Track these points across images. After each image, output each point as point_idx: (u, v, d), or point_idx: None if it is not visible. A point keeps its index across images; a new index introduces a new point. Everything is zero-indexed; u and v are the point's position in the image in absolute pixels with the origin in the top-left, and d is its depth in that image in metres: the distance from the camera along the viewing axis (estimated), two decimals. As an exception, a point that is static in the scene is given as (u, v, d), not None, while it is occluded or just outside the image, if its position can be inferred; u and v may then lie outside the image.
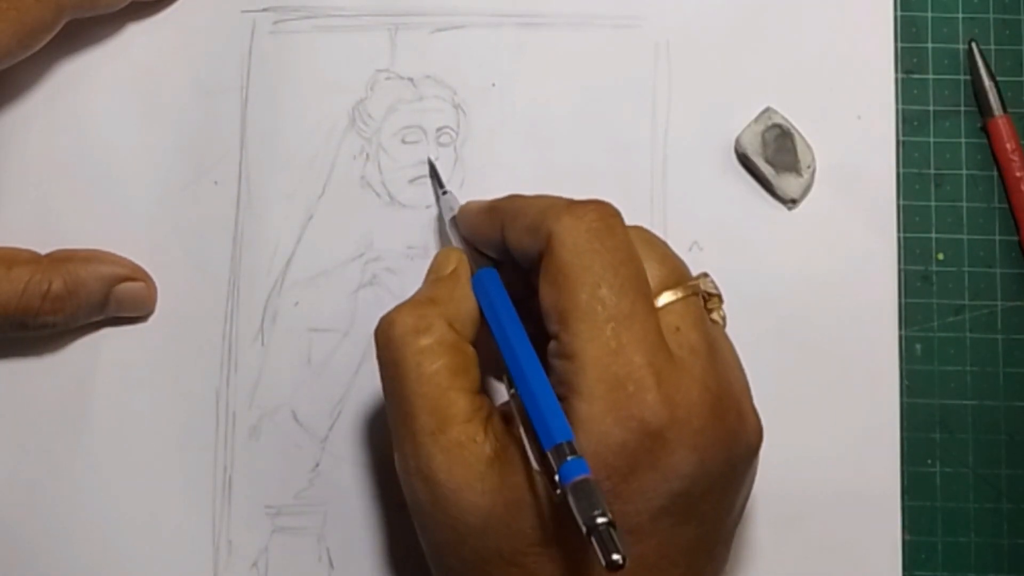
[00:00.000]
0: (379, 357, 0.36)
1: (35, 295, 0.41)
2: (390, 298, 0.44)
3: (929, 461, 0.43)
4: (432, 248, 0.44)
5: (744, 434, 0.35)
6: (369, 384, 0.43)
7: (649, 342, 0.33)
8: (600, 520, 0.30)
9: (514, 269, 0.38)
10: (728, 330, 0.38)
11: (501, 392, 0.40)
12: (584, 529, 0.30)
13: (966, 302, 0.44)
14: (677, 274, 0.36)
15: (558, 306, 0.34)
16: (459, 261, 0.38)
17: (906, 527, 0.43)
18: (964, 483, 0.43)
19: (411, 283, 0.43)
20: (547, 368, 0.34)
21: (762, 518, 0.42)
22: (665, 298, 0.35)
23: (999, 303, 0.44)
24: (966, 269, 0.44)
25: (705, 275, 0.37)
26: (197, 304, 0.44)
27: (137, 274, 0.43)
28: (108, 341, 0.44)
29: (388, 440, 0.43)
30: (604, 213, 0.35)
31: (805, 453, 0.42)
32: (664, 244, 0.37)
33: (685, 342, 0.34)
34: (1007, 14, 0.46)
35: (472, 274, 0.38)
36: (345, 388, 0.43)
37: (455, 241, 0.41)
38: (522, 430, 0.33)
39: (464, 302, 0.37)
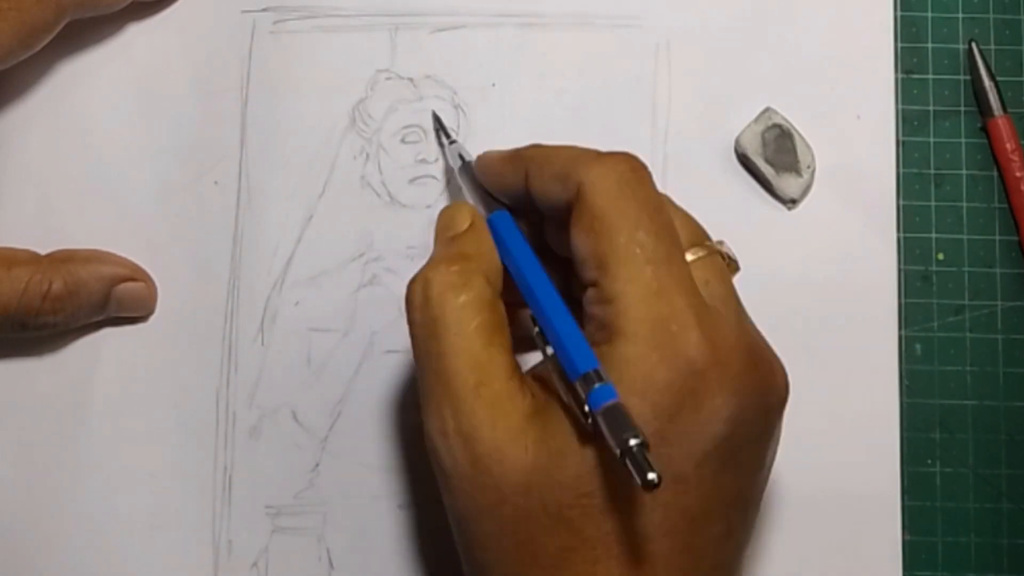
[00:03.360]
0: (413, 319, 0.35)
1: (35, 295, 0.41)
2: (390, 298, 0.44)
3: (929, 461, 0.43)
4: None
5: (776, 383, 0.35)
6: (369, 384, 0.43)
7: (687, 286, 0.33)
8: (633, 441, 0.30)
9: (527, 219, 0.38)
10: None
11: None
12: (617, 452, 0.30)
13: (966, 302, 0.44)
14: (699, 234, 0.36)
15: (596, 252, 0.34)
16: (473, 215, 0.37)
17: (906, 527, 0.43)
18: (964, 483, 0.43)
19: (411, 283, 0.44)
20: (584, 317, 0.34)
21: (763, 518, 0.42)
22: (690, 255, 0.35)
23: (999, 303, 0.44)
24: (966, 269, 0.44)
25: (721, 242, 0.37)
26: (197, 304, 0.44)
27: (137, 274, 0.43)
28: (108, 341, 0.44)
29: (388, 440, 0.43)
30: (635, 165, 0.35)
31: (805, 453, 0.42)
32: (683, 209, 0.37)
33: (716, 294, 0.35)
34: (1007, 14, 0.46)
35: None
36: (345, 388, 0.43)
37: (466, 189, 0.40)
38: (550, 366, 0.33)
39: (492, 256, 0.37)
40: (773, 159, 0.44)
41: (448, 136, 0.44)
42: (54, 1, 0.42)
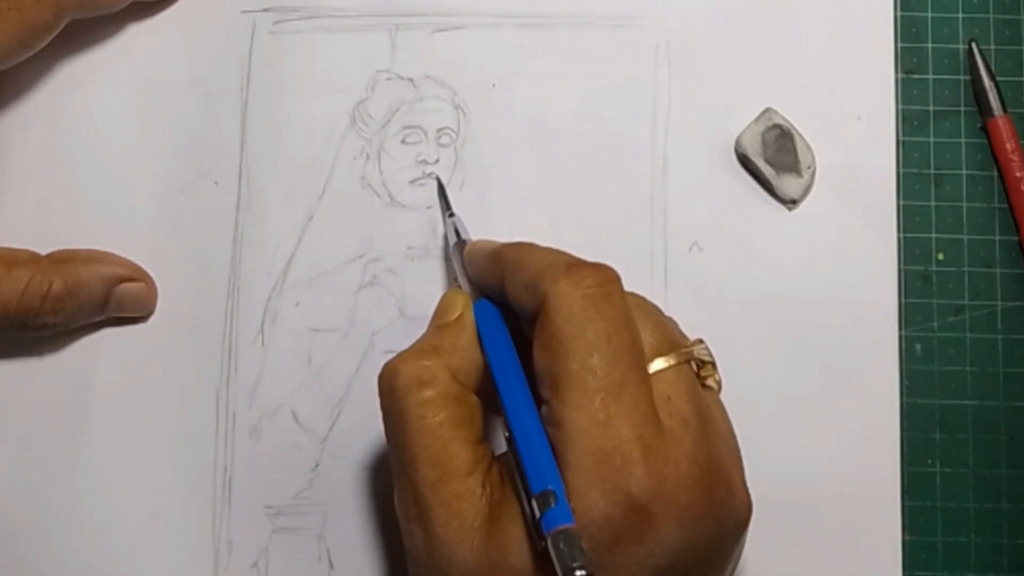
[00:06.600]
0: (382, 406, 0.36)
1: (35, 295, 0.41)
2: (390, 299, 0.44)
3: (929, 461, 0.43)
4: (432, 249, 0.44)
5: (733, 509, 0.34)
6: (369, 384, 0.43)
7: (639, 413, 0.33)
8: (579, 573, 0.30)
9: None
10: (728, 331, 0.38)
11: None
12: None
13: (966, 302, 0.44)
14: (670, 341, 0.35)
15: (550, 372, 0.34)
16: (465, 306, 0.37)
17: (906, 527, 0.43)
18: (964, 483, 0.43)
19: (411, 284, 0.44)
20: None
21: (763, 518, 0.42)
22: (657, 365, 0.35)
23: (999, 303, 0.44)
24: (966, 269, 0.44)
25: (700, 341, 0.36)
26: (197, 304, 0.44)
27: (137, 274, 0.43)
28: (108, 341, 0.44)
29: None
30: (603, 279, 0.34)
31: (805, 453, 0.42)
32: (658, 311, 0.37)
33: (676, 412, 0.34)
34: (1007, 14, 0.46)
35: (474, 302, 0.38)
36: (345, 388, 0.43)
37: (457, 266, 0.40)
38: (516, 475, 0.33)
39: (469, 351, 0.36)
40: (773, 159, 0.44)
41: (449, 208, 0.43)
42: (54, 1, 0.42)
